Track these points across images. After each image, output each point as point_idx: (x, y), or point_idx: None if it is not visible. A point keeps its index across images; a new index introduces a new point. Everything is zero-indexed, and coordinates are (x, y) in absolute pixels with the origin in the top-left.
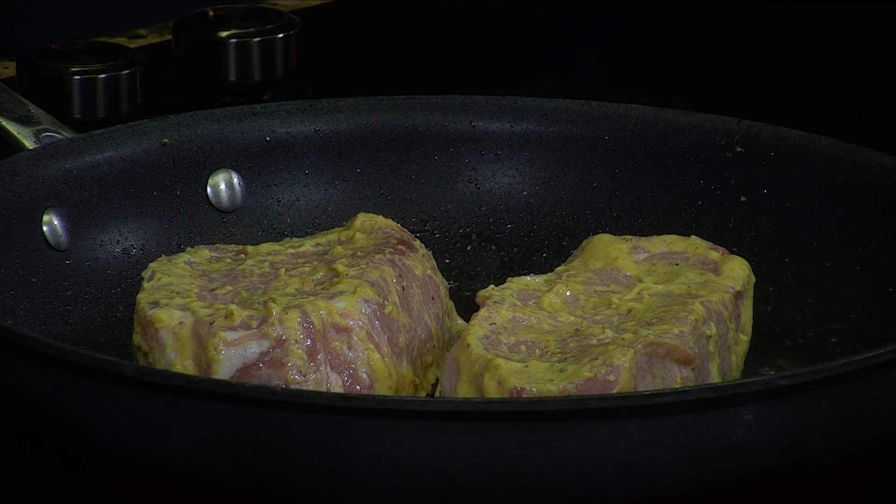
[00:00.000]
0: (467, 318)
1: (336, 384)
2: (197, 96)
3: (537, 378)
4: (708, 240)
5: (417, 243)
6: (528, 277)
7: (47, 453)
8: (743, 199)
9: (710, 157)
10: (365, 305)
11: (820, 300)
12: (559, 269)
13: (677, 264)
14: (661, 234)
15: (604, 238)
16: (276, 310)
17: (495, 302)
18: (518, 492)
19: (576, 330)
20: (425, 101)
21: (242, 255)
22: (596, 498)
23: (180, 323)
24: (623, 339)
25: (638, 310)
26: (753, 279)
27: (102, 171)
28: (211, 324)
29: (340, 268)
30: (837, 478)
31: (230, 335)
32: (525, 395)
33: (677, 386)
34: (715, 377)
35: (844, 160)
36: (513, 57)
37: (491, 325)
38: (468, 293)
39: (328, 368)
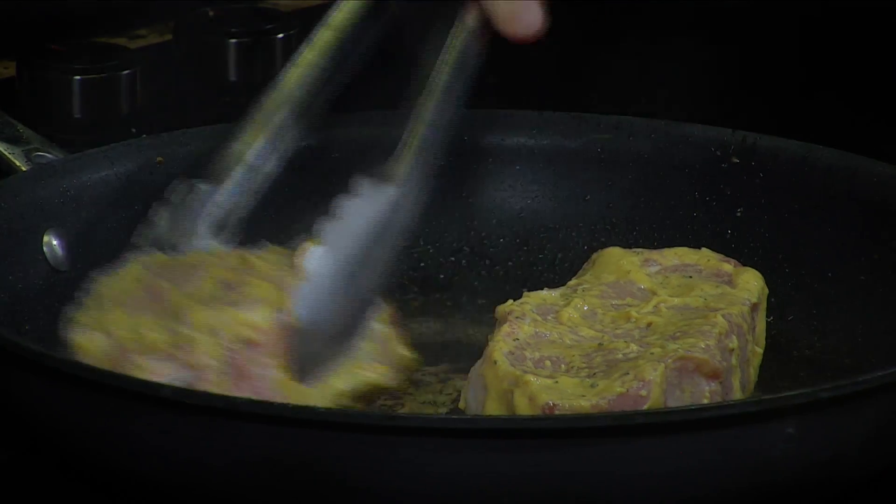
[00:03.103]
0: (470, 333)
1: None
2: (197, 96)
3: (569, 394)
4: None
5: None
6: (545, 292)
7: (81, 480)
8: (739, 211)
9: (706, 168)
10: (274, 315)
11: (824, 311)
12: (571, 282)
13: (690, 276)
14: (657, 246)
15: (614, 251)
16: (191, 335)
17: (517, 317)
18: None
19: (599, 344)
20: None
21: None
22: None
23: (98, 348)
24: (652, 353)
25: (658, 323)
26: (766, 291)
27: (99, 190)
28: (127, 350)
29: (253, 259)
30: (873, 488)
31: (145, 363)
32: (557, 411)
33: (705, 400)
34: (737, 390)
35: (843, 169)
36: (504, 69)
37: (514, 340)
38: (462, 308)
39: (247, 391)
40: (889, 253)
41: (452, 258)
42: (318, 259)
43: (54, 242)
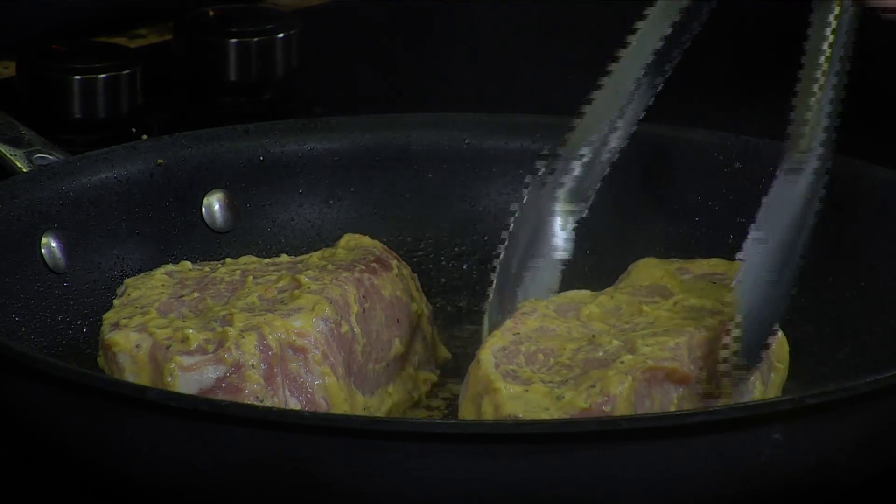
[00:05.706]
0: (467, 337)
1: (294, 408)
2: (197, 96)
3: (533, 406)
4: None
5: (396, 264)
6: (582, 292)
7: (69, 482)
8: (741, 218)
9: (708, 173)
10: (322, 324)
11: (823, 317)
12: (608, 289)
13: (714, 283)
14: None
15: (650, 261)
16: (232, 333)
17: (523, 313)
18: None
19: (592, 336)
20: (418, 119)
21: (220, 265)
22: None
23: (137, 346)
24: (623, 362)
25: (661, 318)
26: None
27: (98, 192)
28: (167, 348)
29: (304, 280)
30: (862, 495)
31: (186, 360)
32: None
33: (672, 407)
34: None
35: (845, 175)
36: (505, 73)
37: (514, 335)
38: (464, 313)
39: (286, 392)
40: (889, 259)
41: (454, 263)
42: (754, 245)
43: (52, 244)
